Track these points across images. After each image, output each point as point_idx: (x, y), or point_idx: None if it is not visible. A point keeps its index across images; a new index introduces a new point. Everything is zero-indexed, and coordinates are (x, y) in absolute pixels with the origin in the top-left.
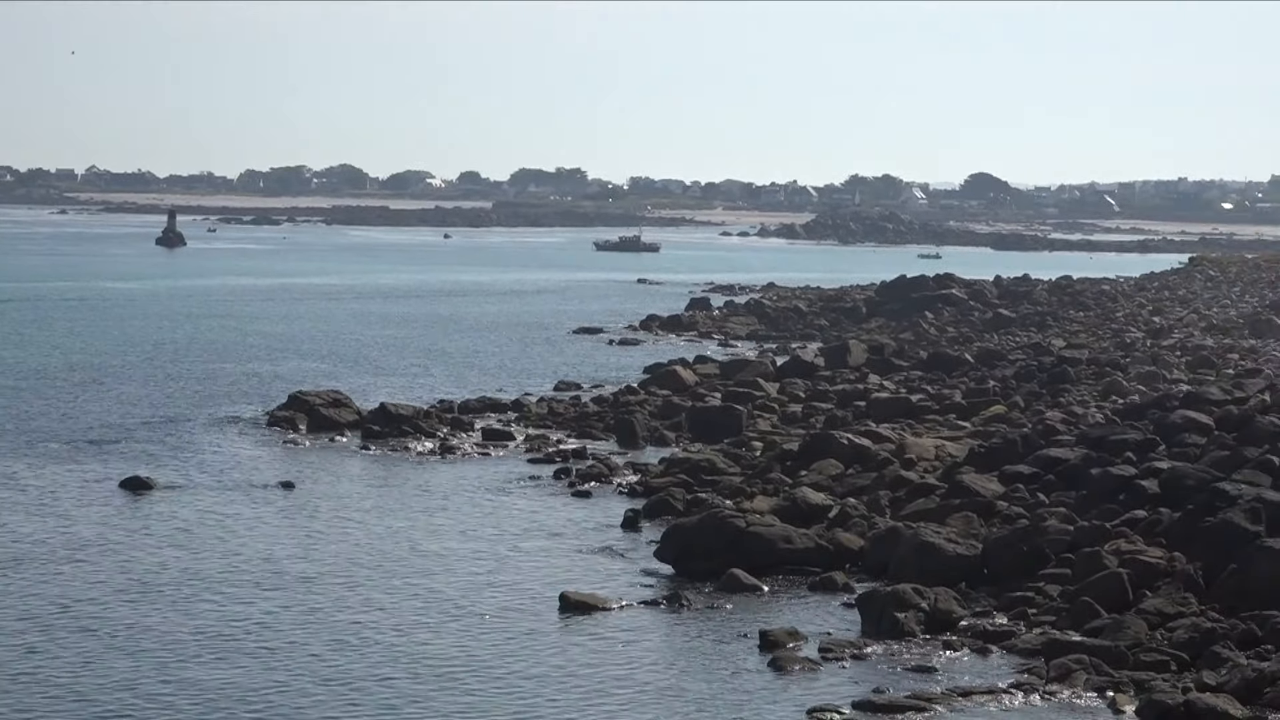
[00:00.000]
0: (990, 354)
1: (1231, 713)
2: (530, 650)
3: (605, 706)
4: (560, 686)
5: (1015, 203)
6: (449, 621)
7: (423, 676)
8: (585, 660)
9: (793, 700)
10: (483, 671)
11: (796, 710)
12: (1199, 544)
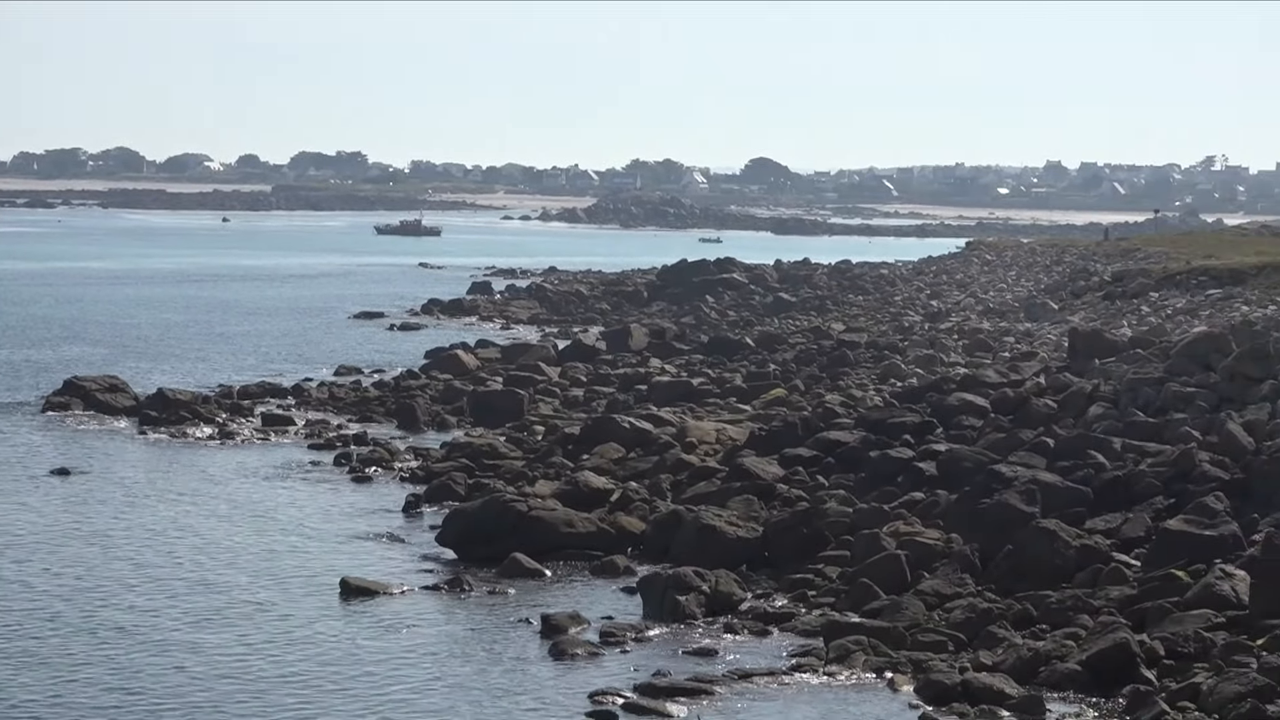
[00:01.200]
0: (770, 338)
1: (1007, 692)
2: (310, 636)
3: (387, 692)
4: (341, 672)
5: (795, 187)
6: (228, 608)
7: (201, 665)
8: (366, 646)
9: (575, 684)
10: (262, 658)
11: (578, 694)
12: (975, 525)
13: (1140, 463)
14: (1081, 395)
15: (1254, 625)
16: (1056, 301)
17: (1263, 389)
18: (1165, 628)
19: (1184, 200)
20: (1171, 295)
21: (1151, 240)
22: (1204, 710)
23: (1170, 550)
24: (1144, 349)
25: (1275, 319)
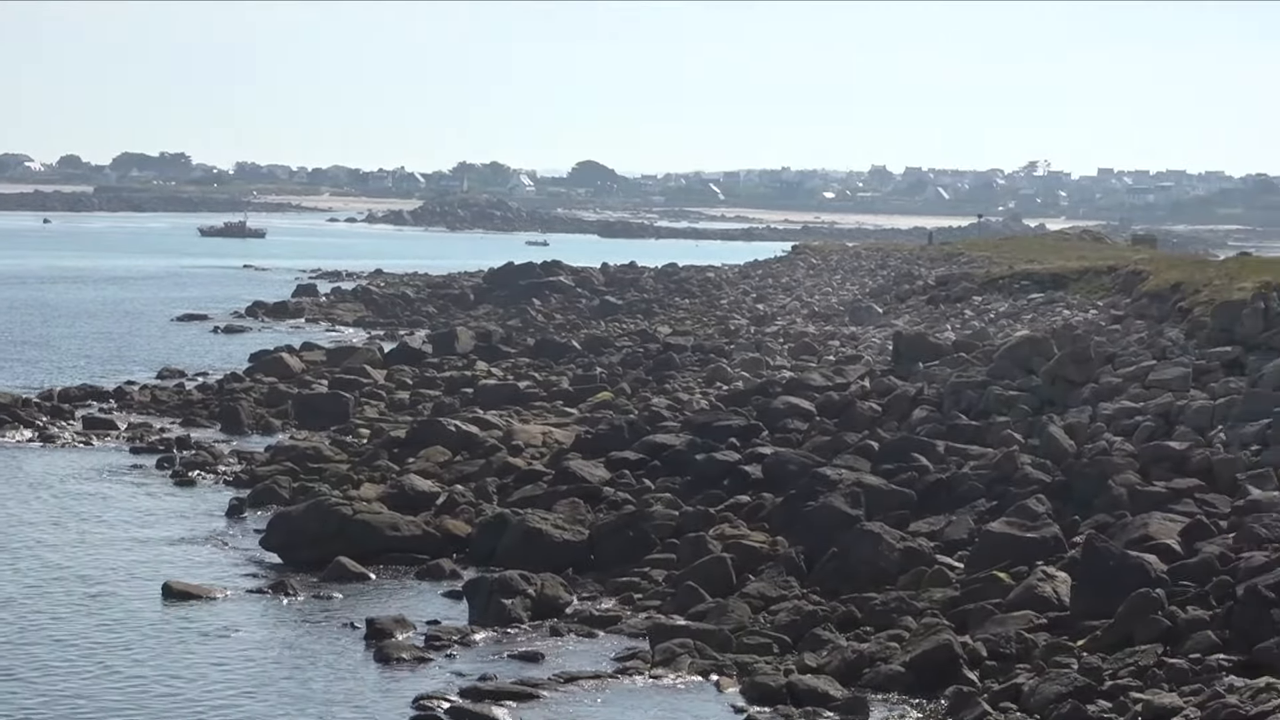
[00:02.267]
0: (597, 341)
1: (832, 694)
2: (132, 641)
3: (209, 697)
4: (163, 677)
5: (622, 190)
6: (48, 613)
7: (21, 669)
8: (189, 651)
9: (400, 689)
10: (82, 663)
11: (403, 699)
12: (801, 528)
13: (963, 465)
14: (905, 398)
15: (1075, 626)
16: (881, 305)
17: (1084, 392)
18: (988, 629)
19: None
20: (994, 299)
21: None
22: (1025, 710)
23: (992, 552)
24: (967, 352)
25: (1096, 323)
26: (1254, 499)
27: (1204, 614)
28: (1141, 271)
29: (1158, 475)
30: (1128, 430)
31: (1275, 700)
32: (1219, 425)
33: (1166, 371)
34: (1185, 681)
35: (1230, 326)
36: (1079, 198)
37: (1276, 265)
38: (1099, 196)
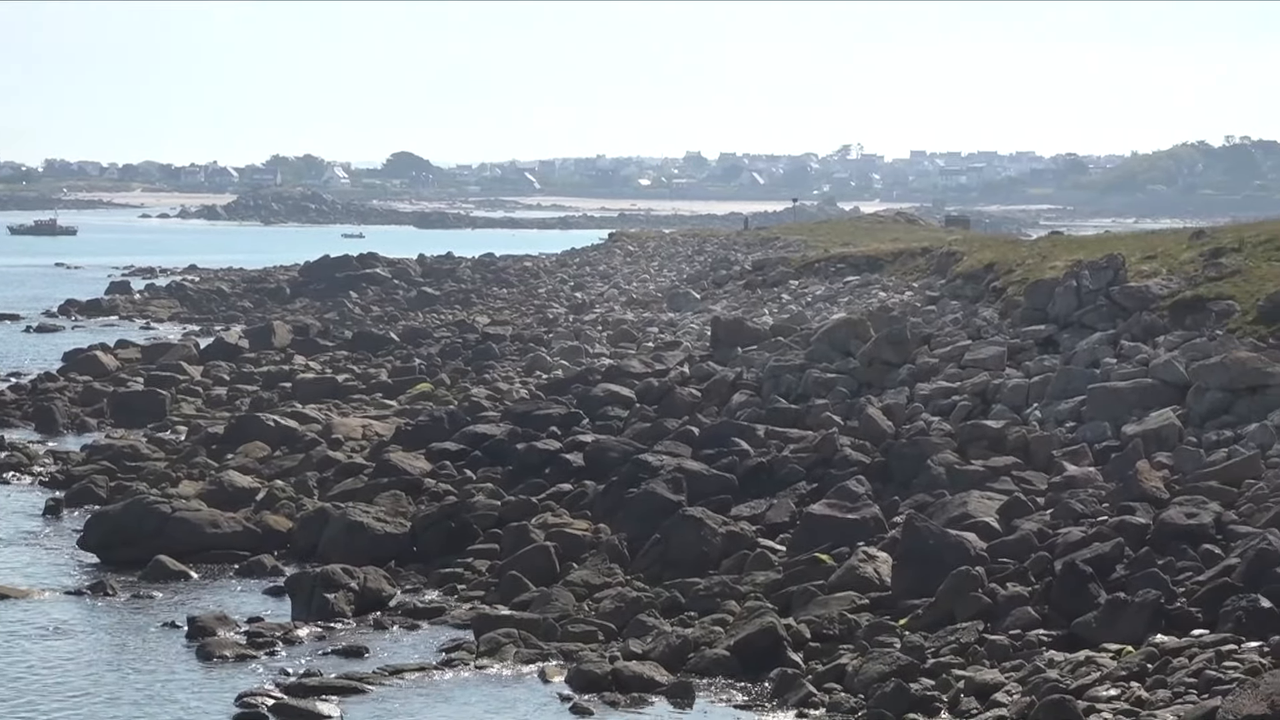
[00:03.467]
0: (416, 332)
1: (657, 679)
2: None
3: (29, 699)
4: None
5: (438, 181)
6: None
7: None
8: (6, 653)
9: (223, 686)
10: None
11: (226, 696)
12: (623, 515)
13: (783, 449)
14: (725, 383)
15: (896, 606)
16: (699, 291)
17: (900, 373)
18: (810, 611)
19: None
20: (811, 283)
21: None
22: (850, 691)
23: (814, 534)
24: (785, 336)
25: (912, 304)
26: (1070, 475)
27: (1023, 590)
28: (955, 252)
29: (975, 454)
30: (945, 410)
31: (1095, 673)
32: (1034, 403)
33: (982, 351)
34: (1006, 657)
35: (1043, 305)
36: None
37: (1087, 244)
38: (912, 179)
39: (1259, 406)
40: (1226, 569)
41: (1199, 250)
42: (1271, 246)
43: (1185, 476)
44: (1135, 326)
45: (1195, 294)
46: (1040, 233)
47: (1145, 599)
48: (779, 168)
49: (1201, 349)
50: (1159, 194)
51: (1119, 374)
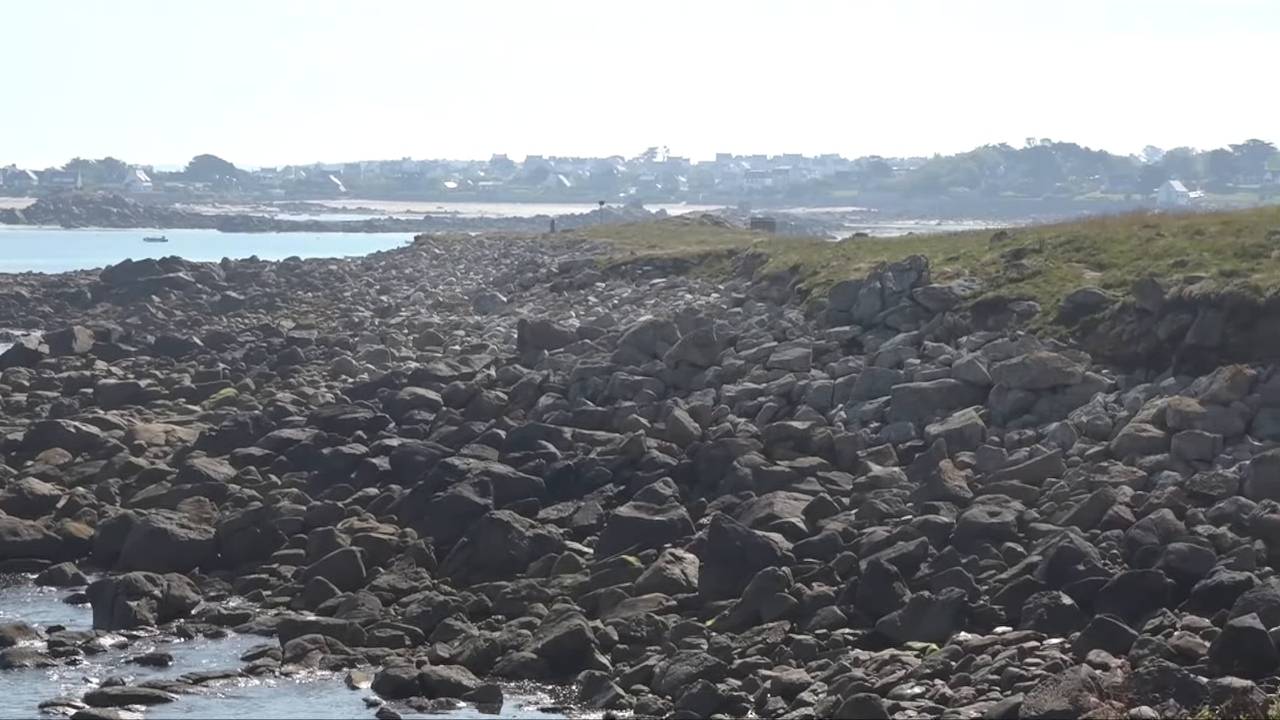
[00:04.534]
0: (219, 336)
1: (465, 683)
2: None
3: None
4: None
5: (242, 184)
6: None
7: None
8: None
9: (23, 697)
10: None
11: (27, 707)
12: (430, 519)
13: (590, 451)
14: (531, 386)
15: (703, 607)
16: (505, 294)
17: (707, 375)
18: (618, 613)
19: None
20: (617, 285)
21: (597, 231)
22: (657, 692)
23: (621, 536)
24: (592, 339)
25: (718, 306)
26: (874, 475)
27: (829, 590)
28: (761, 254)
29: (781, 455)
30: (751, 411)
31: (900, 671)
32: (839, 404)
33: (787, 352)
34: (812, 657)
35: (848, 307)
36: (698, 183)
37: (891, 245)
38: (718, 181)
39: (1060, 406)
40: (1029, 567)
41: (1001, 251)
42: (1072, 248)
43: (988, 476)
44: (938, 327)
45: (997, 295)
46: (845, 234)
47: (949, 597)
48: (585, 170)
49: (1003, 349)
50: (962, 195)
51: (922, 374)
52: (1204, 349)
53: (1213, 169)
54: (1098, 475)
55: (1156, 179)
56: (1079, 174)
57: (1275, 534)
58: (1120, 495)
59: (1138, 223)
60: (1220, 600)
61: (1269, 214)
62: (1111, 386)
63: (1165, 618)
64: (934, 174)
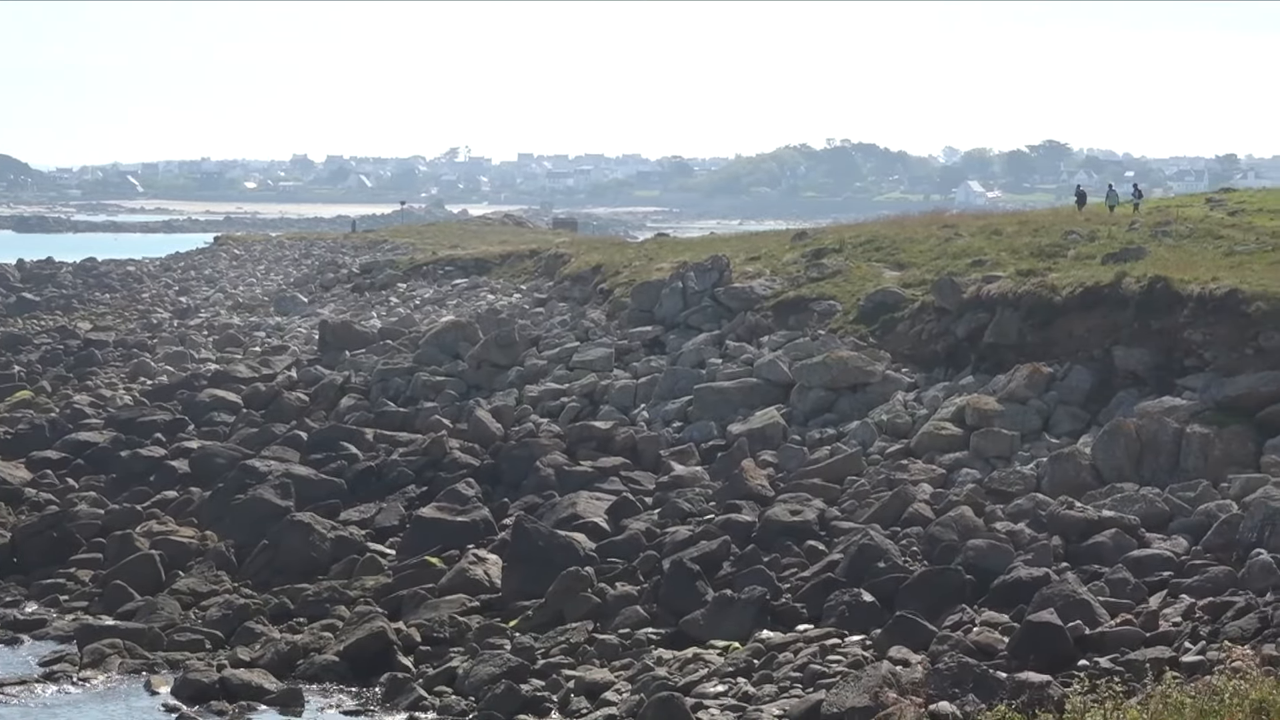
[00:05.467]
0: (15, 339)
1: (266, 686)
2: None
3: None
4: None
5: (37, 184)
6: None
7: None
8: None
9: None
10: None
11: None
12: (231, 521)
13: (392, 452)
14: (333, 387)
15: (507, 607)
16: (306, 295)
17: (509, 375)
18: (421, 614)
19: (430, 192)
20: (419, 286)
21: (399, 231)
22: (460, 693)
23: (424, 537)
24: (393, 339)
25: (520, 306)
26: (677, 474)
27: (632, 589)
28: (563, 255)
29: (584, 455)
30: (554, 411)
31: (703, 670)
32: (642, 404)
33: (589, 352)
34: (616, 656)
35: (650, 307)
36: (501, 183)
37: (693, 245)
38: (520, 181)
39: (860, 404)
40: (830, 564)
41: (801, 251)
42: (871, 247)
43: (789, 474)
44: (740, 327)
45: (798, 294)
46: (647, 235)
47: (751, 596)
48: (387, 170)
49: (804, 348)
50: (763, 196)
51: (724, 374)
52: (1002, 347)
53: (1010, 169)
54: (898, 473)
55: (955, 179)
56: (878, 174)
57: (1072, 530)
58: (920, 493)
59: (936, 223)
60: (1018, 596)
61: (1065, 214)
62: (911, 385)
63: (964, 614)
64: (735, 174)
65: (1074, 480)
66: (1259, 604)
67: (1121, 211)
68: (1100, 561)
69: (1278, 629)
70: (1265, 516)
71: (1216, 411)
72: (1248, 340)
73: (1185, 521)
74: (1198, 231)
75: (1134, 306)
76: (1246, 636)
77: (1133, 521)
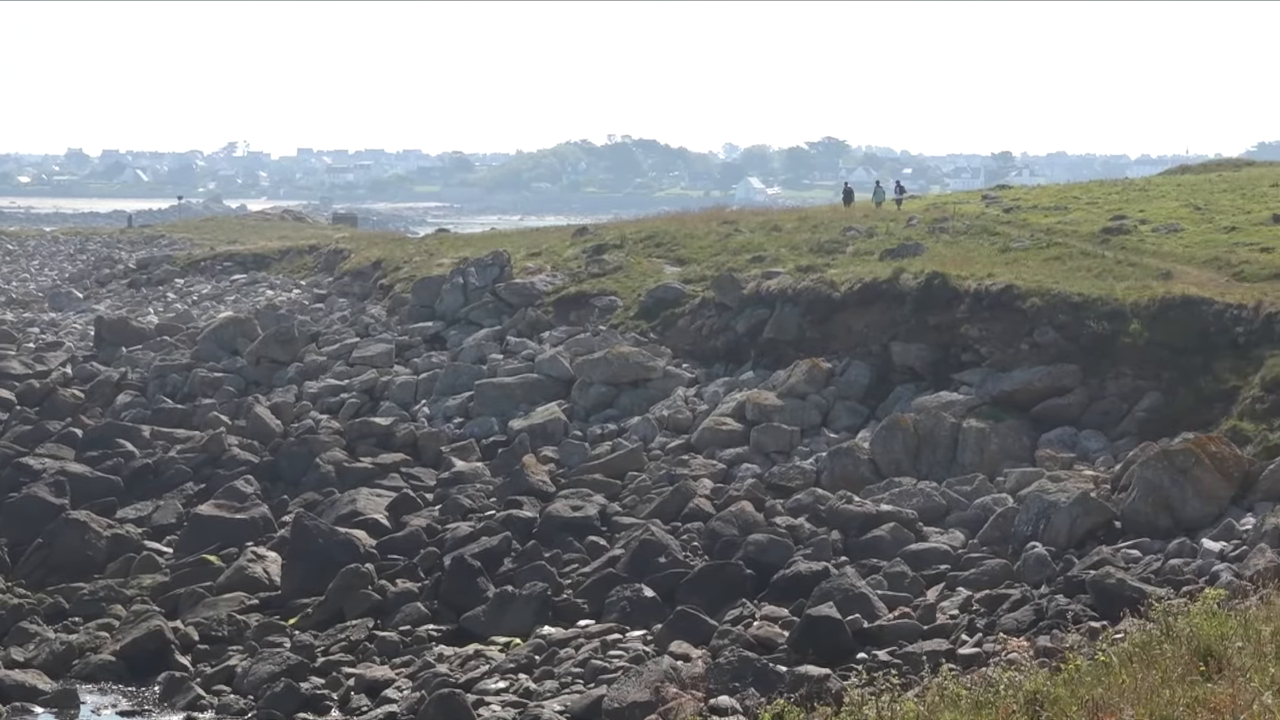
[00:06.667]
0: None
1: (40, 687)
2: None
3: None
4: None
5: None
6: None
7: None
8: None
9: None
10: None
11: None
12: (4, 520)
13: (170, 449)
14: (109, 384)
15: (286, 605)
16: (82, 290)
17: (289, 371)
18: (199, 613)
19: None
20: (197, 281)
21: (176, 227)
22: (239, 692)
23: (202, 535)
24: (171, 335)
25: (300, 302)
26: (458, 470)
27: (413, 586)
28: (343, 250)
29: (364, 451)
30: (334, 408)
31: (484, 667)
32: (422, 400)
33: (370, 348)
34: (396, 654)
35: (430, 302)
36: (280, 178)
37: (474, 241)
38: (299, 176)
39: (641, 400)
40: (611, 560)
41: (582, 247)
42: (652, 243)
43: (570, 470)
44: (521, 322)
45: (579, 290)
46: (428, 230)
47: (532, 591)
48: (164, 165)
49: (585, 344)
50: (544, 191)
51: (505, 369)
52: (781, 343)
53: (790, 166)
54: (679, 468)
55: (735, 176)
56: (659, 170)
57: (851, 524)
58: (701, 488)
59: (716, 219)
60: (798, 590)
61: (843, 211)
62: (692, 380)
63: (745, 608)
64: (516, 170)
65: (853, 475)
66: (1034, 596)
67: (887, 208)
68: (879, 555)
69: (1052, 620)
70: (1040, 510)
71: (992, 406)
72: (1023, 336)
73: (962, 515)
74: (974, 228)
75: (911, 302)
76: (1022, 628)
77: (910, 515)
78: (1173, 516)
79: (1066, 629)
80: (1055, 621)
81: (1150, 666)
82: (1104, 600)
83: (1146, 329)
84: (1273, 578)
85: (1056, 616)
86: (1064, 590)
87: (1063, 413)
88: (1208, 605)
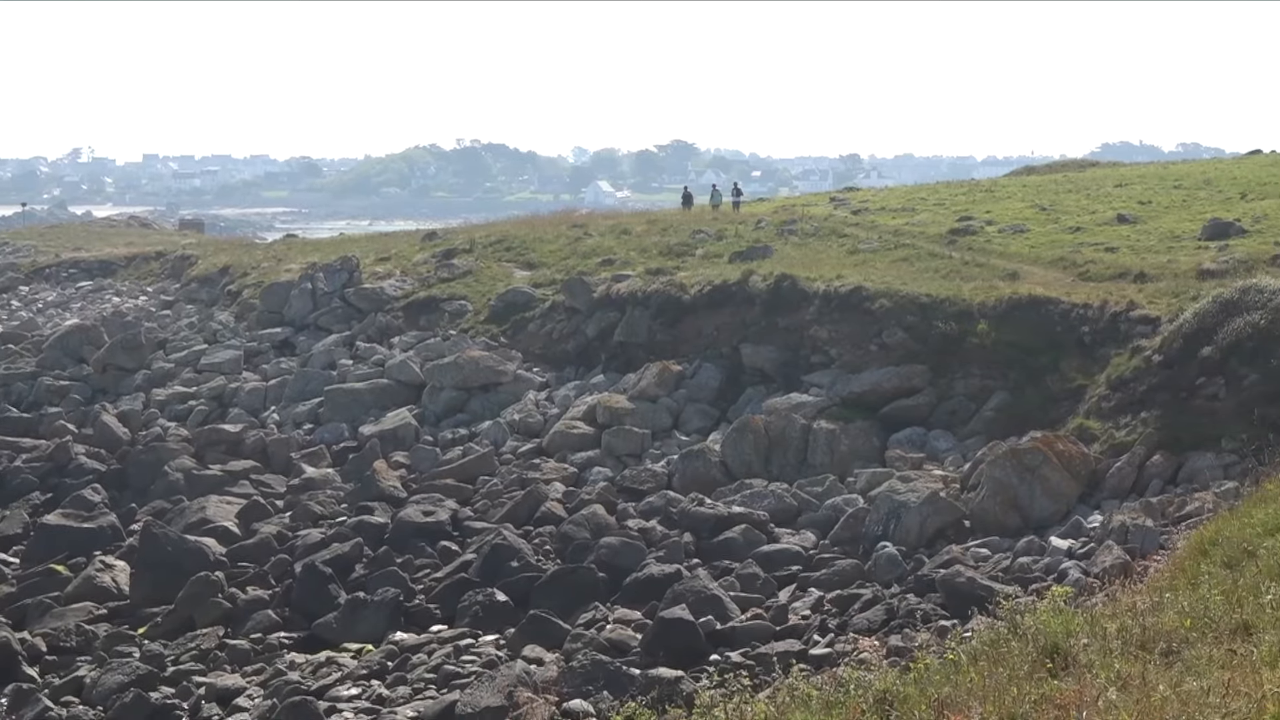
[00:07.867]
0: None
1: None
2: None
3: None
4: None
5: None
6: None
7: None
8: None
9: None
10: None
11: None
12: None
13: (15, 458)
14: None
15: (136, 614)
16: None
17: (136, 379)
18: (47, 623)
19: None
20: (42, 288)
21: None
22: (88, 703)
23: (49, 545)
24: (15, 344)
25: (147, 309)
26: (308, 477)
27: (264, 593)
28: (190, 256)
29: (214, 458)
30: (182, 415)
31: (336, 673)
32: (272, 406)
33: (218, 355)
34: (248, 662)
35: (279, 308)
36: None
37: (322, 246)
38: (145, 182)
39: (492, 404)
40: (463, 565)
41: (432, 251)
42: (502, 247)
43: (422, 475)
44: (370, 327)
45: (429, 294)
46: (276, 236)
47: (385, 597)
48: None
49: (435, 349)
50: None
51: (355, 375)
52: (632, 346)
53: (639, 169)
54: (530, 472)
55: (585, 179)
56: (509, 174)
57: (703, 526)
58: (553, 491)
59: (566, 222)
60: (650, 592)
61: (693, 214)
62: (543, 384)
63: (598, 611)
64: (365, 174)
65: (704, 477)
66: (885, 595)
67: (725, 210)
68: (731, 557)
69: (903, 620)
70: (890, 510)
71: (842, 407)
72: (871, 337)
73: (813, 516)
74: (823, 230)
75: (761, 305)
76: (874, 628)
77: (762, 517)
78: (1021, 515)
79: (917, 628)
80: (906, 621)
81: (998, 664)
82: (954, 599)
83: (994, 329)
84: (1119, 575)
85: (907, 616)
86: (914, 589)
87: (912, 413)
88: (1055, 603)
